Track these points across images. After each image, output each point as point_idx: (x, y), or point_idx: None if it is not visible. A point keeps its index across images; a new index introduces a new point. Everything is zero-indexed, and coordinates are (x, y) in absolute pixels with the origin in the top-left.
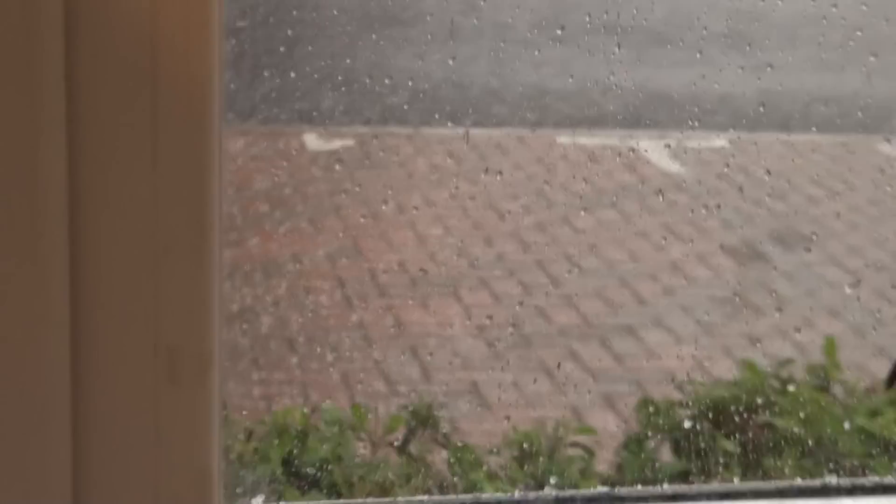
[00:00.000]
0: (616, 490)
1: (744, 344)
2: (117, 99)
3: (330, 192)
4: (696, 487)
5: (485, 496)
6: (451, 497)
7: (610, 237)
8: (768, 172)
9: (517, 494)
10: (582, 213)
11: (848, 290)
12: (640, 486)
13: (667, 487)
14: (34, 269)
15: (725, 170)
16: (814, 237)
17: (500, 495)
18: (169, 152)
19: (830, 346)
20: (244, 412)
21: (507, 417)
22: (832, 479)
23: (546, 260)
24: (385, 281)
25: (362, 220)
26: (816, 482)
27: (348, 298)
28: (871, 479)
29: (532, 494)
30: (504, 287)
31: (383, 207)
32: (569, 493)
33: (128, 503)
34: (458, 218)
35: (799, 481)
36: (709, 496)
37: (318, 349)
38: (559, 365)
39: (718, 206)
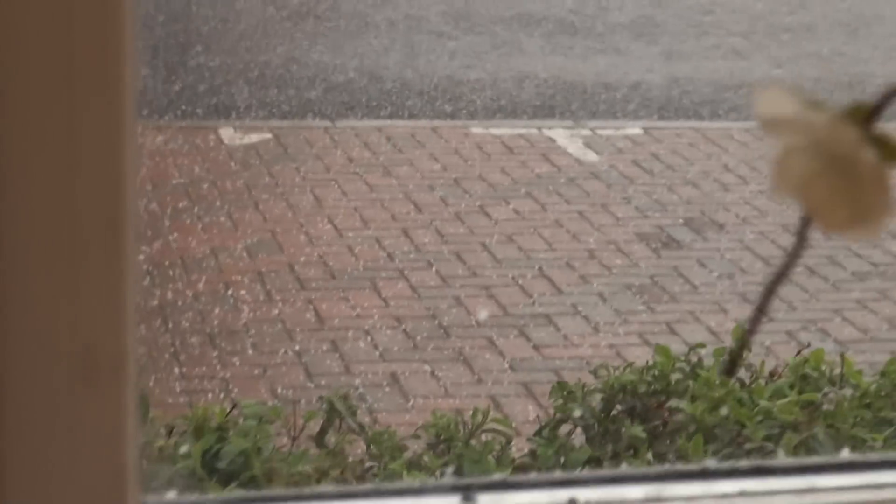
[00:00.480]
0: (508, 477)
1: (660, 331)
2: (32, 97)
3: (248, 187)
4: (586, 473)
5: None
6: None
7: (527, 226)
8: (685, 159)
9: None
10: (498, 202)
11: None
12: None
13: (556, 475)
14: None
15: (639, 157)
16: (725, 224)
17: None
18: (84, 149)
19: (738, 332)
20: (164, 409)
21: (419, 408)
22: (711, 463)
23: (463, 250)
24: (304, 275)
25: (280, 213)
26: (696, 466)
27: (268, 293)
28: (749, 462)
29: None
30: (422, 278)
31: (301, 200)
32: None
33: (45, 500)
34: (376, 210)
35: (679, 465)
36: (595, 480)
37: (239, 344)
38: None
39: (632, 195)
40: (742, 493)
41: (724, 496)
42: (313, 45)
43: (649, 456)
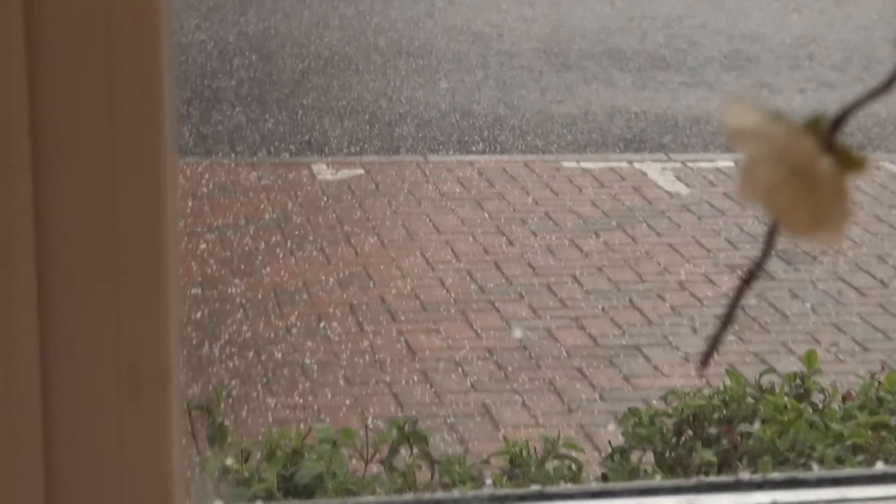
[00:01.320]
0: (546, 488)
1: (751, 361)
2: (77, 132)
3: (340, 221)
4: (620, 484)
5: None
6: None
7: (617, 258)
8: None
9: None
10: (589, 235)
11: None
12: (569, 484)
13: (593, 485)
14: (2, 291)
15: (730, 190)
16: (820, 255)
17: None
18: (127, 176)
19: (810, 358)
20: (255, 438)
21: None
22: (745, 475)
23: (554, 282)
24: (396, 307)
25: (372, 247)
26: (730, 478)
27: (360, 324)
28: (783, 474)
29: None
30: (513, 310)
31: (393, 234)
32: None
33: None
34: (467, 243)
35: (712, 477)
36: (630, 492)
37: (331, 375)
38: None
39: (723, 226)
40: None
41: None
42: (406, 81)
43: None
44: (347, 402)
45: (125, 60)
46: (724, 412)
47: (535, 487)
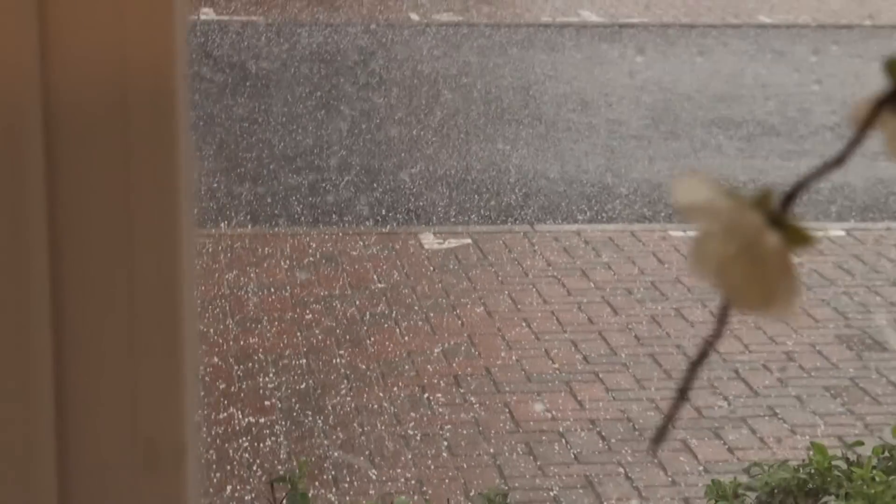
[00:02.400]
0: None
1: (860, 433)
2: (95, 210)
3: (446, 291)
4: None
5: None
6: None
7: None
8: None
9: None
10: (695, 305)
11: None
12: None
13: None
14: (20, 374)
15: (840, 259)
16: None
17: None
18: (143, 253)
19: None
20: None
21: None
22: None
23: (659, 353)
24: (500, 378)
25: (478, 317)
26: None
27: (464, 395)
28: None
29: None
30: (617, 381)
31: (499, 304)
32: None
33: None
34: (573, 313)
35: None
36: None
37: (434, 446)
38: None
39: (833, 296)
40: None
41: None
42: (514, 149)
43: None
44: (450, 473)
45: (142, 138)
46: (809, 485)
47: None
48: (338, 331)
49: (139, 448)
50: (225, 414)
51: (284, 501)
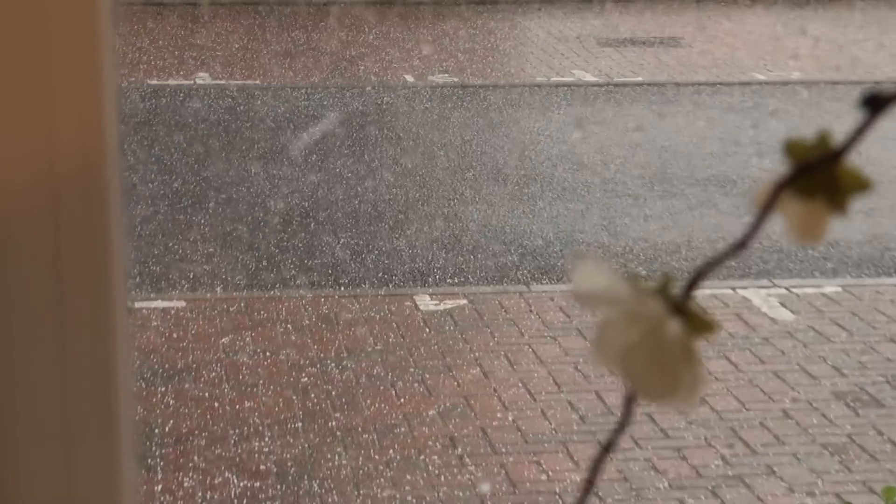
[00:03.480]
0: None
1: (858, 490)
2: (22, 296)
3: (442, 353)
4: None
5: None
6: None
7: (720, 387)
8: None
9: None
10: None
11: None
12: None
13: None
14: None
15: (837, 316)
16: None
17: None
18: (76, 345)
19: (889, 493)
20: None
21: None
22: None
23: (655, 412)
24: (497, 439)
25: (473, 378)
26: None
27: (460, 458)
28: None
29: None
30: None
31: (494, 366)
32: None
33: None
34: (569, 373)
35: None
36: None
37: None
38: None
39: (829, 353)
40: None
41: None
42: (510, 209)
43: None
44: None
45: (73, 225)
46: None
47: None
48: (333, 394)
49: None
50: (220, 479)
51: None
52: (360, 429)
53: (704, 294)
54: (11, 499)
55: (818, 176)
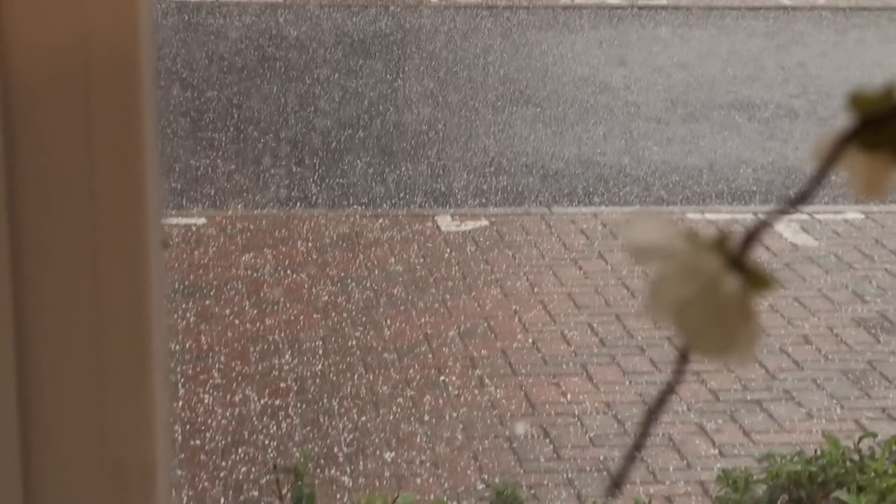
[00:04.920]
0: None
1: (876, 417)
2: (57, 232)
3: (463, 274)
4: None
5: None
6: None
7: None
8: None
9: None
10: None
11: None
12: None
13: None
14: None
15: (859, 242)
16: None
17: None
18: (108, 276)
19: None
20: (346, 498)
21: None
22: None
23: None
24: (516, 360)
25: (494, 300)
26: None
27: (480, 378)
28: None
29: None
30: (633, 364)
31: (515, 287)
32: None
33: None
34: (589, 296)
35: None
36: None
37: (449, 429)
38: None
39: (850, 280)
40: None
41: None
42: (532, 131)
43: None
44: (465, 456)
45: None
46: (820, 478)
47: None
48: (354, 313)
49: (108, 469)
50: (240, 396)
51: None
52: (380, 348)
53: (725, 219)
54: (42, 430)
55: (884, 129)
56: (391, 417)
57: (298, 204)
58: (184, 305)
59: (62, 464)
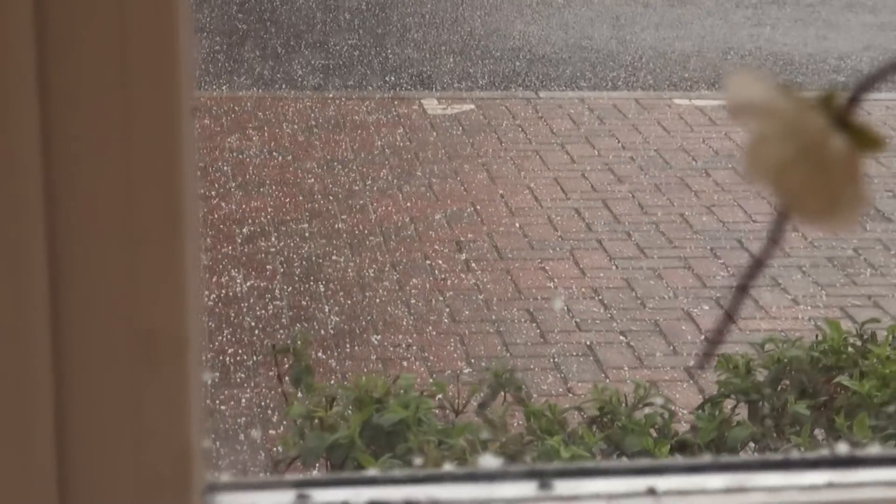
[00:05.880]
0: (588, 464)
1: (862, 304)
2: (89, 95)
3: (450, 157)
4: (666, 460)
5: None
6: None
7: (727, 198)
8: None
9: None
10: (699, 174)
11: None
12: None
13: (640, 462)
14: (12, 262)
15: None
16: None
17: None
18: (141, 142)
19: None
20: (332, 380)
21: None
22: (795, 453)
23: (662, 221)
24: (503, 244)
25: (481, 183)
26: (781, 456)
27: (466, 262)
28: (835, 453)
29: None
30: (620, 249)
31: (502, 171)
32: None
33: (110, 483)
34: (576, 181)
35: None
36: (675, 469)
37: (436, 313)
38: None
39: None
40: (830, 485)
41: (811, 487)
42: (519, 16)
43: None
44: (452, 340)
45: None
46: (822, 363)
47: (574, 464)
48: (340, 195)
49: (139, 341)
50: (226, 277)
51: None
52: (366, 231)
53: (713, 105)
54: (73, 301)
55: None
56: (377, 301)
57: (284, 86)
58: None
59: (92, 336)
